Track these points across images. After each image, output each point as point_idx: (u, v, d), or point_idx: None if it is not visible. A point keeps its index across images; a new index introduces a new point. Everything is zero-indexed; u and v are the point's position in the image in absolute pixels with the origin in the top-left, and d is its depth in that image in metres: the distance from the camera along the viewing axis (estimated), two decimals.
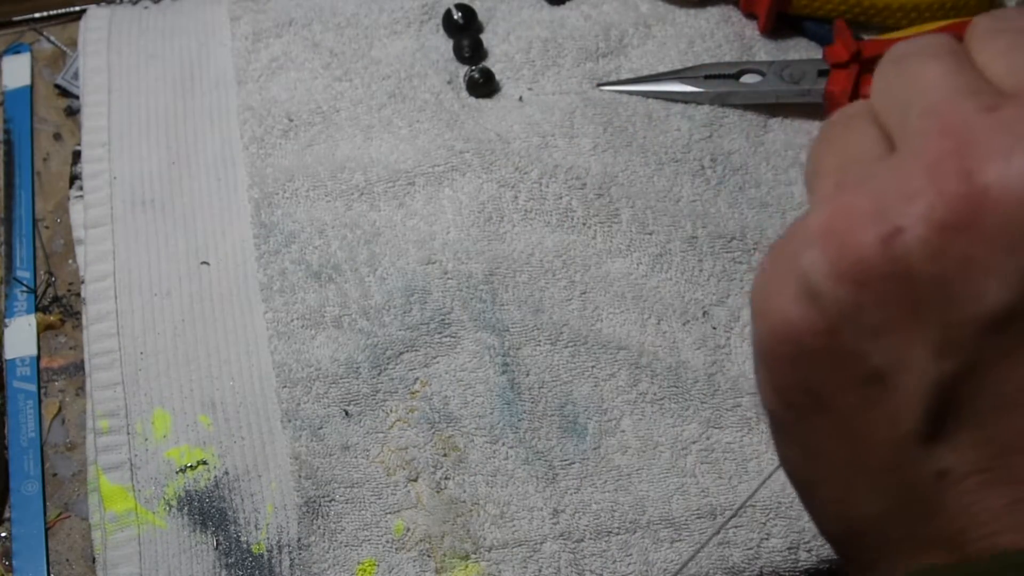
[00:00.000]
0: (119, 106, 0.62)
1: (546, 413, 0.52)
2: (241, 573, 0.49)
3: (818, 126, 0.61)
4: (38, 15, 0.67)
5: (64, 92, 0.65)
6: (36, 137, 0.63)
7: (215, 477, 0.51)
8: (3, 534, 0.52)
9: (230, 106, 0.62)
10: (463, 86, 0.62)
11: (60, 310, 0.58)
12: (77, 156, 0.61)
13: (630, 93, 0.62)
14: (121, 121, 0.61)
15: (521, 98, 0.62)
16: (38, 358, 0.56)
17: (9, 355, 0.56)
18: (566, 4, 0.65)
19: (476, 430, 0.52)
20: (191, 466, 0.51)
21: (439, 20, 0.64)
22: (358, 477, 0.50)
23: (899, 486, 0.26)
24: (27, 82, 0.65)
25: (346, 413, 0.52)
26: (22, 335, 0.57)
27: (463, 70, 0.63)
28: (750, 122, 0.61)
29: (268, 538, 0.50)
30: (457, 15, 0.63)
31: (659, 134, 0.60)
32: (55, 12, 0.67)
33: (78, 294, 0.58)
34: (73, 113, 0.64)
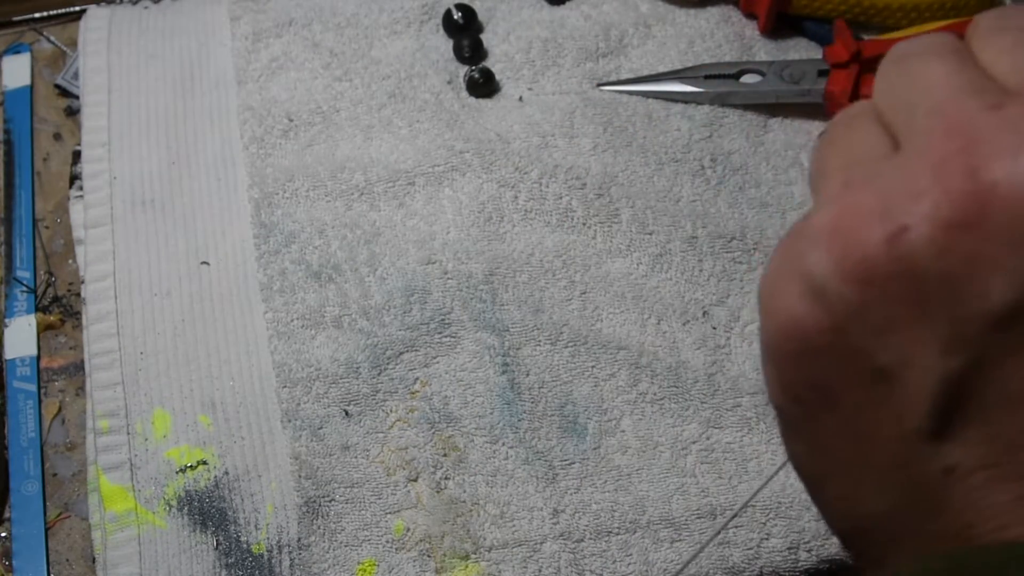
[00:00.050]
0: (119, 106, 0.62)
1: (546, 413, 0.52)
2: (241, 573, 0.49)
3: (818, 126, 0.61)
4: (38, 15, 0.67)
5: (64, 92, 0.65)
6: (36, 137, 0.63)
7: (215, 477, 0.51)
8: (3, 534, 0.52)
9: (230, 106, 0.62)
10: (463, 86, 0.62)
11: (60, 310, 0.58)
12: (77, 156, 0.61)
13: (630, 93, 0.62)
14: (121, 121, 0.61)
15: (521, 98, 0.62)
16: (38, 358, 0.56)
17: (9, 355, 0.56)
18: (566, 4, 0.65)
19: (476, 430, 0.52)
20: (191, 466, 0.51)
21: (439, 20, 0.64)
22: (358, 477, 0.50)
23: (906, 482, 0.26)
24: (27, 82, 0.65)
25: (346, 413, 0.52)
26: (22, 335, 0.57)
27: (463, 70, 0.63)
28: (750, 122, 0.61)
29: (268, 538, 0.50)
30: (457, 15, 0.63)
31: (659, 134, 0.60)
32: (55, 12, 0.67)
33: (78, 294, 0.58)
34: (73, 113, 0.64)
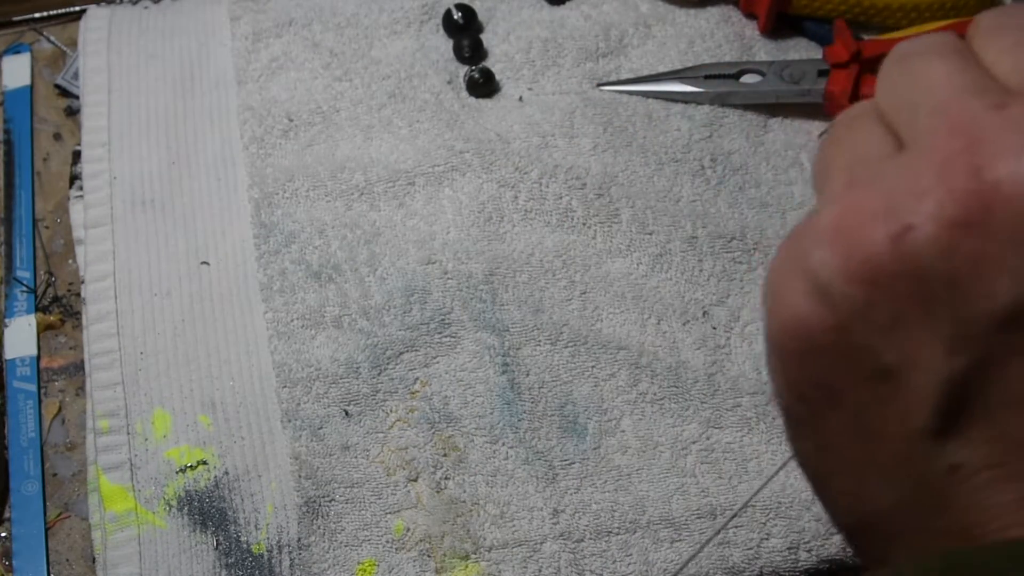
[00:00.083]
0: (119, 106, 0.62)
1: (546, 413, 0.52)
2: (241, 573, 0.49)
3: (818, 126, 0.61)
4: (38, 15, 0.67)
5: (64, 92, 0.65)
6: (36, 137, 0.63)
7: (215, 477, 0.51)
8: (3, 534, 0.52)
9: (230, 106, 0.62)
10: (463, 86, 0.62)
11: (60, 310, 0.58)
12: (77, 156, 0.61)
13: (630, 93, 0.62)
14: (121, 121, 0.61)
15: (521, 98, 0.62)
16: (38, 358, 0.56)
17: (9, 355, 0.56)
18: (566, 4, 0.65)
19: (476, 430, 0.52)
20: (191, 466, 0.51)
21: (439, 20, 0.64)
22: (358, 477, 0.50)
23: (911, 480, 0.26)
24: (27, 82, 0.65)
25: (346, 413, 0.52)
26: (22, 335, 0.57)
27: (463, 70, 0.63)
28: (750, 122, 0.61)
29: (268, 538, 0.50)
30: (457, 15, 0.63)
31: (659, 134, 0.60)
32: (55, 12, 0.67)
33: (78, 294, 0.58)
34: (73, 113, 0.64)
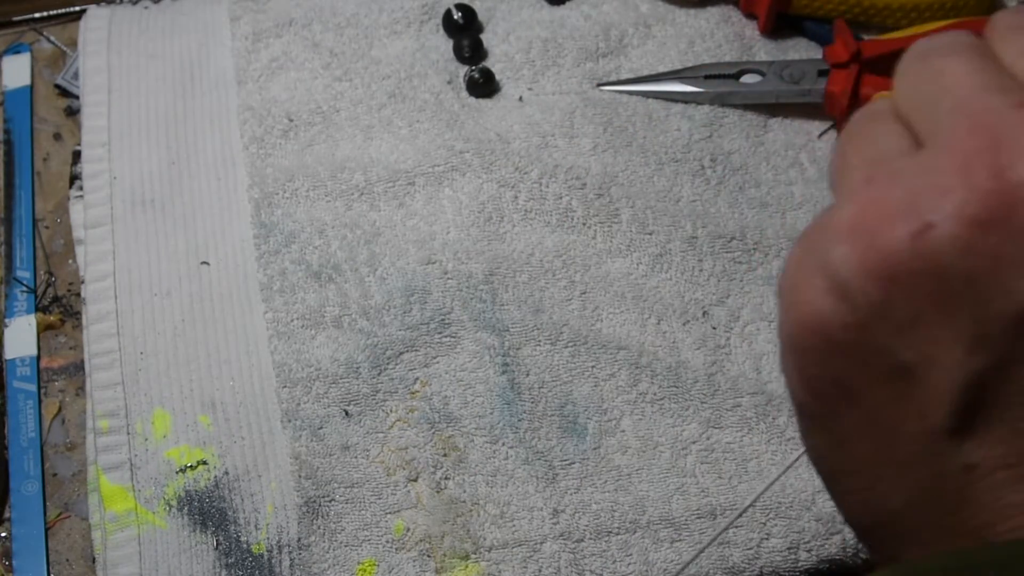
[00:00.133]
0: (119, 106, 0.62)
1: (546, 413, 0.52)
2: (241, 573, 0.49)
3: (818, 126, 0.61)
4: (38, 15, 0.67)
5: (64, 92, 0.65)
6: (36, 137, 0.63)
7: (215, 477, 0.51)
8: (3, 534, 0.52)
9: (230, 106, 0.62)
10: (463, 86, 0.62)
11: (60, 310, 0.58)
12: (77, 156, 0.61)
13: (630, 93, 0.62)
14: (121, 121, 0.61)
15: (521, 98, 0.62)
16: (38, 358, 0.56)
17: (9, 355, 0.56)
18: (566, 4, 0.65)
19: (476, 430, 0.52)
20: (191, 466, 0.51)
21: (439, 20, 0.64)
22: (358, 477, 0.50)
23: (926, 478, 0.26)
24: (27, 82, 0.65)
25: (346, 413, 0.52)
26: (22, 335, 0.57)
27: (463, 70, 0.63)
28: (750, 122, 0.61)
29: (268, 538, 0.50)
30: (457, 15, 0.63)
31: (659, 134, 0.60)
32: (55, 12, 0.67)
33: (78, 294, 0.58)
34: (73, 113, 0.64)
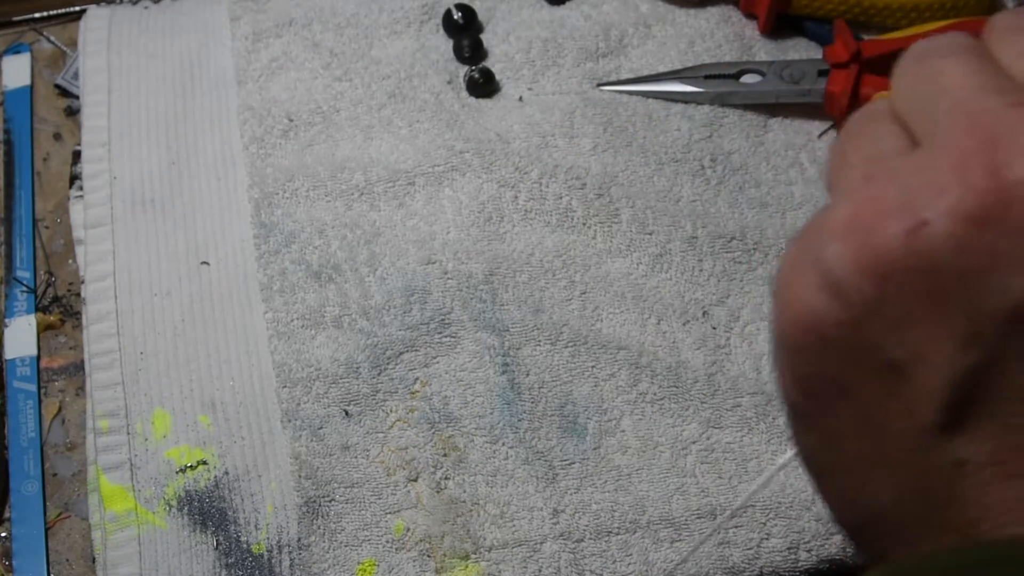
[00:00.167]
0: (119, 106, 0.62)
1: (546, 413, 0.52)
2: (241, 573, 0.49)
3: (818, 126, 0.61)
4: (38, 15, 0.67)
5: (64, 92, 0.65)
6: (36, 137, 0.63)
7: (215, 477, 0.51)
8: (3, 534, 0.52)
9: (230, 106, 0.62)
10: (463, 86, 0.62)
11: (60, 310, 0.58)
12: (77, 156, 0.61)
13: (630, 93, 0.62)
14: (121, 121, 0.61)
15: (521, 98, 0.62)
16: (38, 358, 0.56)
17: (9, 355, 0.56)
18: (566, 4, 0.65)
19: (476, 430, 0.52)
20: (191, 466, 0.51)
21: (439, 20, 0.64)
22: (358, 477, 0.50)
23: (915, 475, 0.26)
24: (27, 82, 0.65)
25: (346, 413, 0.52)
26: (22, 335, 0.57)
27: (463, 70, 0.63)
28: (750, 122, 0.61)
29: (268, 538, 0.50)
30: (457, 15, 0.63)
31: (659, 134, 0.60)
32: (55, 12, 0.67)
33: (78, 294, 0.58)
34: (73, 113, 0.64)
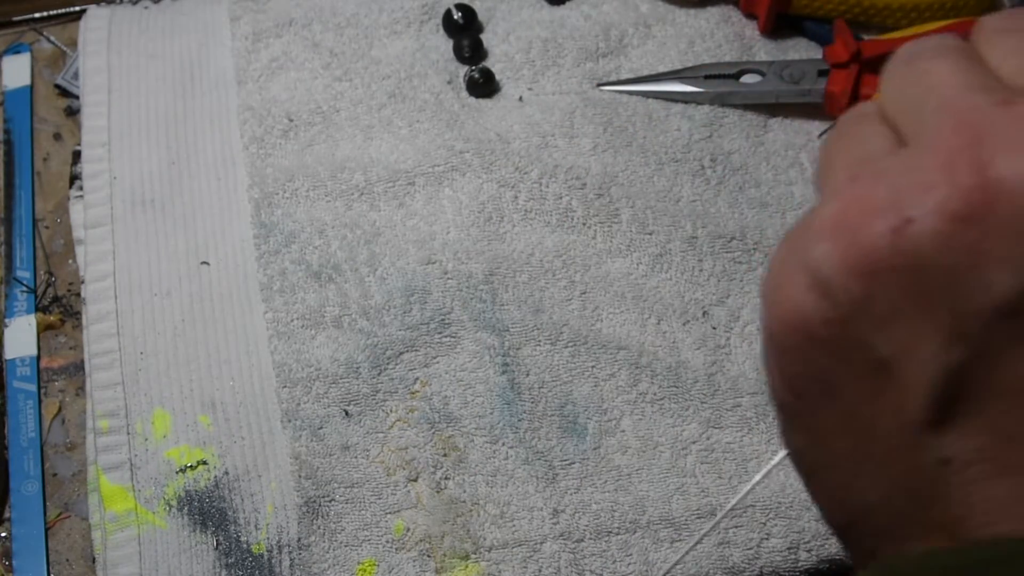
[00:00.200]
0: (119, 106, 0.62)
1: (546, 413, 0.52)
2: (241, 573, 0.49)
3: (818, 126, 0.61)
4: (38, 15, 0.67)
5: (64, 92, 0.65)
6: (36, 137, 0.63)
7: (215, 477, 0.51)
8: (3, 534, 0.52)
9: (230, 106, 0.62)
10: (463, 86, 0.62)
11: (60, 310, 0.58)
12: (77, 156, 0.61)
13: (630, 93, 0.62)
14: (121, 121, 0.61)
15: (521, 98, 0.62)
16: (38, 358, 0.56)
17: (9, 355, 0.56)
18: (566, 4, 0.65)
19: (476, 430, 0.52)
20: (191, 466, 0.51)
21: (439, 20, 0.64)
22: (358, 477, 0.50)
23: (903, 473, 0.26)
24: (27, 82, 0.65)
25: (346, 413, 0.52)
26: (22, 335, 0.57)
27: (463, 70, 0.63)
28: (750, 122, 0.61)
29: (268, 538, 0.50)
30: (457, 15, 0.63)
31: (659, 134, 0.60)
32: (55, 12, 0.67)
33: (78, 294, 0.58)
34: (73, 113, 0.64)
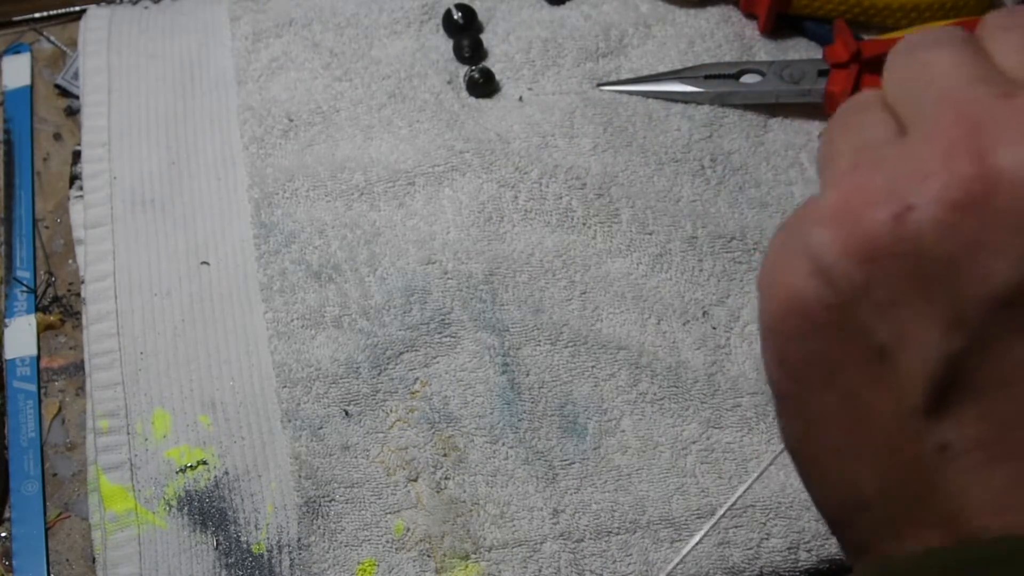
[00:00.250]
0: (119, 106, 0.62)
1: (546, 413, 0.52)
2: (241, 573, 0.49)
3: (818, 126, 0.61)
4: (38, 15, 0.67)
5: (64, 92, 0.65)
6: (36, 137, 0.63)
7: (215, 477, 0.51)
8: (3, 534, 0.52)
9: (230, 106, 0.62)
10: (463, 86, 0.62)
11: (60, 310, 0.58)
12: (77, 156, 0.61)
13: (630, 93, 0.62)
14: (121, 121, 0.61)
15: (521, 98, 0.62)
16: (38, 358, 0.56)
17: (9, 355, 0.56)
18: (566, 4, 0.65)
19: (476, 430, 0.52)
20: (191, 466, 0.51)
21: (439, 20, 0.64)
22: (358, 477, 0.50)
23: (900, 462, 0.26)
24: (27, 82, 0.65)
25: (346, 413, 0.52)
26: (22, 335, 0.57)
27: (463, 70, 0.63)
28: (750, 122, 0.61)
29: (268, 538, 0.50)
30: (457, 15, 0.63)
31: (659, 134, 0.60)
32: (55, 12, 0.67)
33: (78, 294, 0.58)
34: (73, 113, 0.64)
